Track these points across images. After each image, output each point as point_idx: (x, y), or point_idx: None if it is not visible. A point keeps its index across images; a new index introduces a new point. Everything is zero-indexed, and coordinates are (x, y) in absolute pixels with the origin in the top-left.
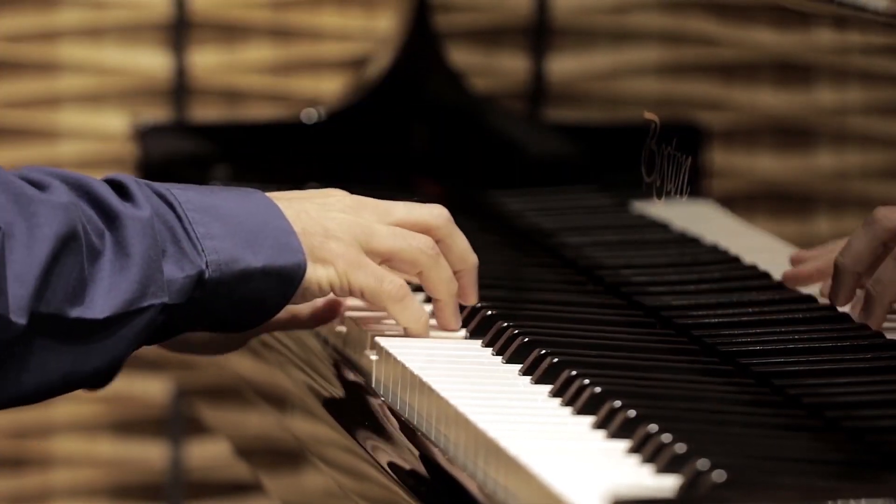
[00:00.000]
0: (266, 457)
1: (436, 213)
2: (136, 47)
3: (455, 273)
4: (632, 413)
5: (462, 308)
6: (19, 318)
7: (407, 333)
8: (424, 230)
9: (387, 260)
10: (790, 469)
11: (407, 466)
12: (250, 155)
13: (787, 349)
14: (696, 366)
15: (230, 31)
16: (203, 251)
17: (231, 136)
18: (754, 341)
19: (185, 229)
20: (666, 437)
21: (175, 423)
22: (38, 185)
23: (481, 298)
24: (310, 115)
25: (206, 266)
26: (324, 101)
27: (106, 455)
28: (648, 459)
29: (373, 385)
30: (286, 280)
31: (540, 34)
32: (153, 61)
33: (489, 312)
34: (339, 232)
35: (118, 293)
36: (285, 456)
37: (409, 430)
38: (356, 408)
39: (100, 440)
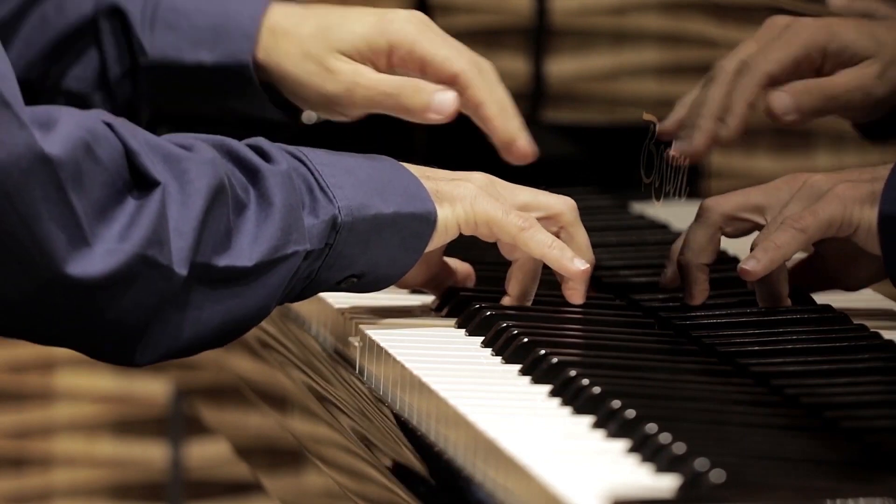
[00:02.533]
0: (266, 457)
1: (562, 200)
2: None
3: None
4: (631, 413)
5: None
6: (181, 268)
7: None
8: (550, 216)
9: (499, 226)
10: (789, 469)
11: (406, 466)
12: None
13: (786, 349)
14: (695, 366)
15: None
16: (334, 198)
17: (230, 135)
18: (753, 341)
19: (317, 180)
20: (665, 437)
21: (175, 424)
22: (184, 147)
23: (481, 298)
24: (309, 115)
25: (339, 211)
26: None
27: (106, 455)
28: (647, 459)
29: (372, 385)
30: (419, 226)
31: (539, 35)
32: None
33: (488, 312)
34: (464, 176)
35: (264, 241)
36: (285, 456)
37: (408, 430)
38: (355, 408)
39: (100, 440)
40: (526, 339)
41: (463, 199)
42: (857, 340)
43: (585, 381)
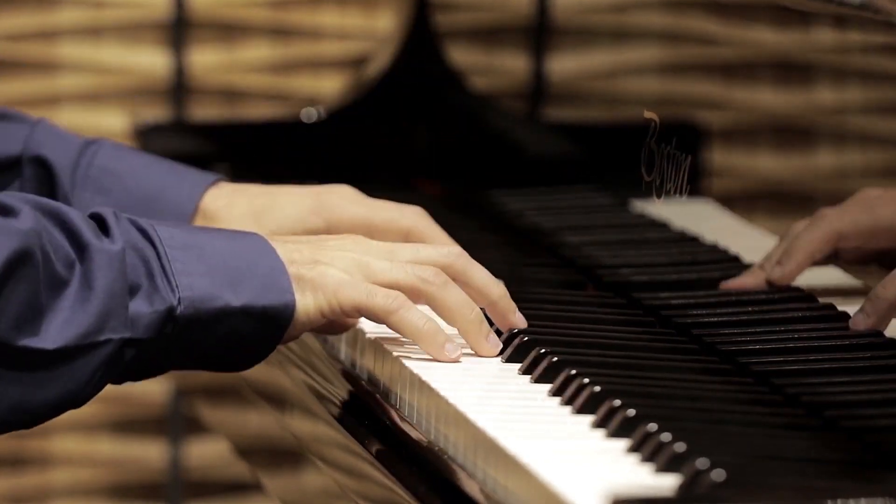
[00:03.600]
0: (265, 456)
1: (444, 252)
2: (136, 46)
3: (485, 309)
4: (631, 412)
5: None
6: None
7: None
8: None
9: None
10: (789, 468)
11: (406, 466)
12: (250, 154)
13: (787, 348)
14: (696, 365)
15: (230, 31)
16: (177, 287)
17: (231, 135)
18: (753, 340)
19: (161, 265)
20: (665, 436)
21: (174, 423)
22: (7, 211)
23: None
24: (309, 114)
25: (179, 302)
26: (323, 101)
27: (105, 454)
28: (648, 458)
29: (372, 384)
30: (272, 320)
31: (540, 33)
32: (153, 60)
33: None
34: (332, 261)
35: (74, 325)
36: (285, 455)
37: (408, 429)
38: (355, 407)
39: (99, 440)
40: (526, 339)
41: (325, 288)
42: (857, 339)
43: (585, 380)
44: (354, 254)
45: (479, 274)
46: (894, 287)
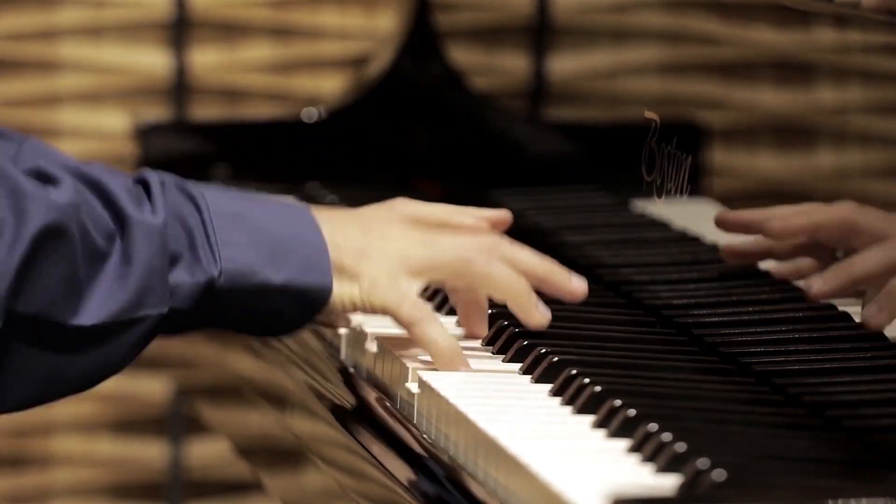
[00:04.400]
0: (266, 456)
1: (484, 236)
2: (136, 46)
3: (537, 286)
4: (632, 412)
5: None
6: None
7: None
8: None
9: (436, 278)
10: (790, 468)
11: (406, 465)
12: (250, 154)
13: (788, 348)
14: (697, 364)
15: (230, 30)
16: (219, 259)
17: (231, 134)
18: (754, 340)
19: (206, 234)
20: (666, 436)
21: (175, 423)
22: (48, 179)
23: None
24: (310, 113)
25: (219, 275)
26: (324, 100)
27: (106, 454)
28: (648, 458)
29: (373, 384)
30: (308, 300)
31: (540, 33)
32: (153, 60)
33: (489, 311)
34: (373, 252)
35: (112, 302)
36: (285, 455)
37: (408, 429)
38: (356, 407)
39: (100, 439)
40: (527, 339)
41: (361, 284)
42: (859, 339)
43: (586, 381)
44: (398, 243)
45: (523, 253)
46: None
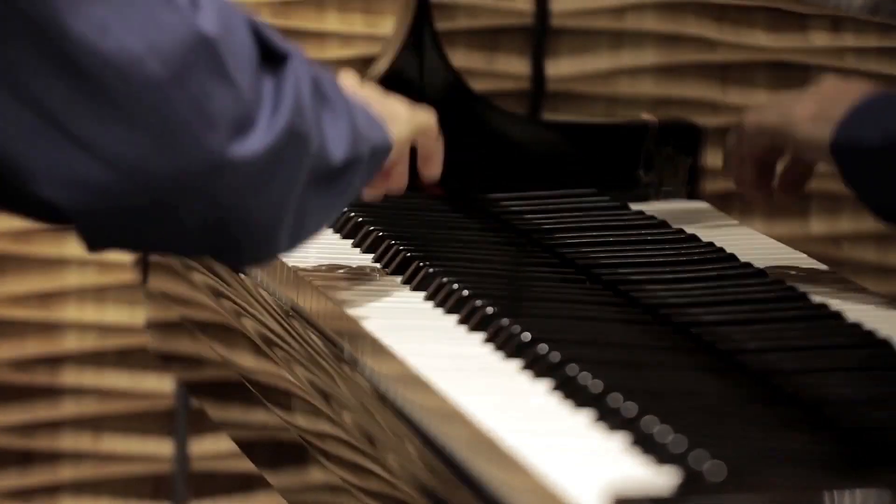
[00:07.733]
0: (270, 452)
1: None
2: None
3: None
4: (631, 409)
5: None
6: (314, 135)
7: None
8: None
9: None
10: (788, 464)
11: (407, 462)
12: None
13: (784, 346)
14: (694, 362)
15: None
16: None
17: None
18: (751, 338)
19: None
20: (664, 433)
21: (181, 420)
22: (276, 56)
23: (482, 296)
24: None
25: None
26: None
27: (112, 451)
28: (647, 454)
29: (373, 383)
30: (383, 155)
31: (539, 36)
32: None
33: (490, 310)
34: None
35: (344, 141)
36: (289, 452)
37: (408, 426)
38: (357, 406)
39: (106, 436)
40: (527, 336)
41: (398, 119)
42: (852, 337)
43: (586, 377)
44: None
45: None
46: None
